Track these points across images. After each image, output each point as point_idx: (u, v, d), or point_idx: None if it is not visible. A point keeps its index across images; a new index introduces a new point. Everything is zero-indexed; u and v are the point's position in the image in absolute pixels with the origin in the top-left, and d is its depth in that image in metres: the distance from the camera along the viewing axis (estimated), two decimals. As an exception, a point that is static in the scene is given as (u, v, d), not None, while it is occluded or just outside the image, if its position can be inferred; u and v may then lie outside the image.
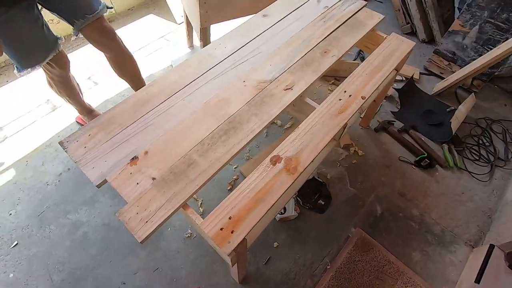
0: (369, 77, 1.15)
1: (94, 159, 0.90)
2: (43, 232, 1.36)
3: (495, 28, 1.74)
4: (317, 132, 0.98)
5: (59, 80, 1.38)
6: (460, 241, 1.36)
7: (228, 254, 0.76)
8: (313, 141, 0.96)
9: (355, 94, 1.09)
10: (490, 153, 1.66)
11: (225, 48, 1.23)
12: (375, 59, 1.22)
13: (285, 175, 0.88)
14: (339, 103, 1.07)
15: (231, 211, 0.81)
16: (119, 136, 0.95)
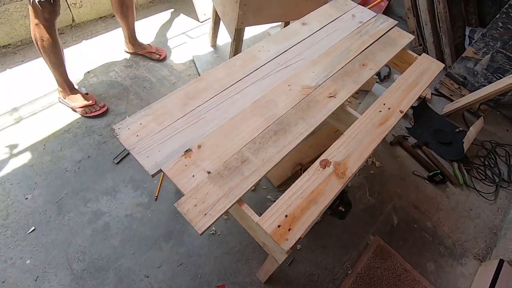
0: (405, 92, 1.22)
1: (148, 148, 0.90)
2: (62, 219, 1.32)
3: (506, 58, 1.87)
4: (361, 139, 1.02)
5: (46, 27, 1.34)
6: (470, 255, 1.44)
7: (286, 251, 0.78)
8: (359, 148, 1.00)
9: (393, 108, 1.15)
10: (495, 174, 1.77)
11: (268, 51, 1.27)
12: (410, 77, 1.28)
13: (335, 179, 0.92)
14: (380, 114, 1.12)
15: (286, 210, 0.84)
16: (171, 128, 0.96)
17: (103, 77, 1.88)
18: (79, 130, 1.62)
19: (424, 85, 1.26)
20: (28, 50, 1.94)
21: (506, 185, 1.74)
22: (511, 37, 1.81)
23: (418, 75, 1.30)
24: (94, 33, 2.14)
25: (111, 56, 2.00)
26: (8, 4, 1.74)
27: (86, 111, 1.64)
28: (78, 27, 2.16)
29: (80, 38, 2.10)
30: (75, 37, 2.10)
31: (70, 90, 1.64)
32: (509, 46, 1.83)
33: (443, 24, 2.20)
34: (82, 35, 2.12)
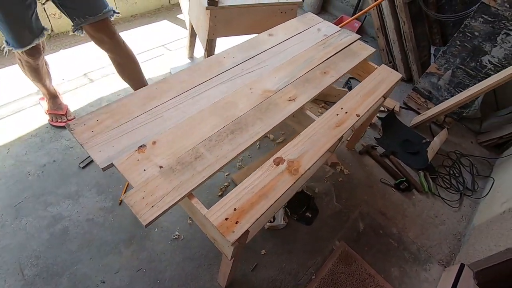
0: (362, 98, 1.27)
1: (101, 143, 0.91)
2: (18, 224, 1.28)
3: (465, 74, 1.99)
4: (317, 140, 1.06)
5: (26, 65, 1.39)
6: (434, 260, 1.45)
7: (231, 243, 0.77)
8: (314, 148, 1.03)
9: (350, 112, 1.20)
10: (459, 183, 1.83)
11: (234, 58, 1.32)
12: (368, 84, 1.35)
13: (288, 176, 0.93)
14: (337, 117, 1.16)
15: (236, 203, 0.84)
16: (128, 125, 0.97)
17: (77, 86, 1.89)
18: (47, 135, 1.60)
19: (381, 92, 1.33)
20: (1, 58, 1.95)
21: (470, 194, 1.79)
22: (468, 54, 1.93)
23: (377, 84, 1.37)
24: (72, 43, 2.17)
25: (88, 66, 2.03)
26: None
27: (53, 118, 1.63)
28: (56, 37, 2.19)
29: (58, 48, 2.12)
30: (53, 47, 2.12)
31: (51, 97, 1.63)
32: (467, 62, 1.95)
33: (409, 43, 2.34)
34: (60, 45, 2.15)
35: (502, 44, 1.80)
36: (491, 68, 1.88)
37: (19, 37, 1.21)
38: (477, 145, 2.13)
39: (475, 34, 1.87)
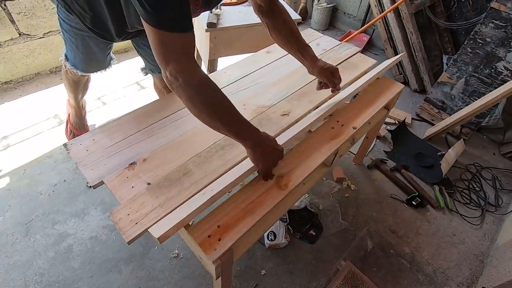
0: (360, 110, 1.24)
1: (94, 162, 0.94)
2: (28, 241, 1.33)
3: (480, 81, 1.89)
4: (309, 154, 1.03)
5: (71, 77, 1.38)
6: (453, 284, 1.33)
7: (213, 261, 0.76)
8: (305, 163, 1.00)
9: (347, 124, 1.17)
10: (480, 198, 1.69)
11: (230, 76, 1.34)
12: (367, 96, 1.32)
13: (276, 191, 0.91)
14: (332, 131, 1.14)
15: (220, 220, 0.83)
16: (122, 143, 1.00)
17: (91, 109, 2.00)
18: (60, 155, 1.69)
19: (381, 103, 1.29)
20: (27, 86, 2.12)
21: (493, 210, 1.64)
22: (481, 62, 1.85)
23: (376, 95, 1.33)
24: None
25: (101, 90, 2.15)
26: (11, 46, 1.95)
27: (70, 133, 1.69)
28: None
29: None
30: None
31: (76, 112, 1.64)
32: (481, 70, 1.86)
33: (418, 53, 2.28)
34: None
35: (517, 49, 1.70)
36: (507, 75, 1.78)
37: (89, 67, 1.27)
38: (500, 157, 1.98)
39: (487, 41, 1.79)
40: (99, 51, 1.20)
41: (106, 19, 1.01)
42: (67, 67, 1.27)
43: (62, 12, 1.06)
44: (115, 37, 1.09)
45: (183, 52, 0.71)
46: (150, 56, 1.24)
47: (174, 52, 0.70)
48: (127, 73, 2.26)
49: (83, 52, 1.18)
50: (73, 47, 1.17)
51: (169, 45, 0.70)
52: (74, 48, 1.17)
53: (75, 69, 1.26)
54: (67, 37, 1.14)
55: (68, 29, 1.10)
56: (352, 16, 3.04)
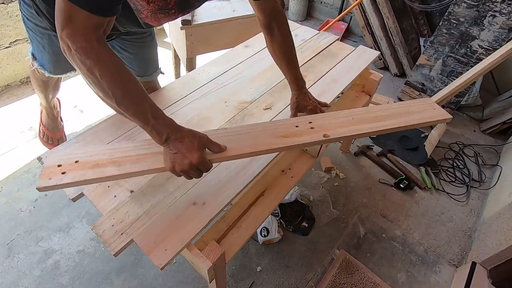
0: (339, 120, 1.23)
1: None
2: (11, 262, 1.27)
3: (457, 61, 1.92)
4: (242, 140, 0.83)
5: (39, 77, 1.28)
6: (444, 261, 1.36)
7: (204, 265, 0.74)
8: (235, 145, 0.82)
9: (318, 129, 0.99)
10: (464, 175, 1.73)
11: (209, 73, 1.31)
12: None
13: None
14: (294, 128, 1.11)
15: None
16: (100, 152, 0.96)
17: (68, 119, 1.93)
18: (38, 170, 1.62)
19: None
20: (-3, 99, 2.01)
21: (477, 185, 1.69)
22: (456, 42, 1.88)
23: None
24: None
25: (78, 98, 2.07)
26: (-25, 58, 1.84)
27: (44, 136, 1.61)
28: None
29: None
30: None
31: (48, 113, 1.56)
32: (457, 50, 1.89)
33: (396, 38, 2.30)
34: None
35: (490, 27, 1.74)
36: (482, 53, 1.82)
37: (57, 69, 1.17)
38: (480, 133, 2.04)
39: (460, 20, 1.82)
40: None
41: None
42: (34, 66, 1.17)
43: (25, 10, 0.97)
44: None
45: (86, 27, 0.60)
46: (126, 59, 1.19)
47: (77, 27, 0.59)
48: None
49: (50, 52, 1.10)
50: (39, 46, 1.09)
51: (72, 17, 0.58)
52: (40, 47, 1.09)
53: (43, 69, 1.17)
54: (33, 35, 1.05)
55: (33, 28, 1.02)
56: (329, 4, 3.03)
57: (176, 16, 0.84)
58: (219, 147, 0.74)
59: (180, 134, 0.70)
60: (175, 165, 0.69)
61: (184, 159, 0.68)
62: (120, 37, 1.08)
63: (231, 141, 0.79)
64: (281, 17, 0.97)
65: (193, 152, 0.68)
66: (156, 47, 1.24)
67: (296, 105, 1.02)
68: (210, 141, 0.74)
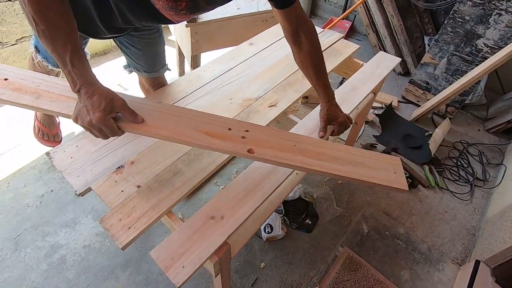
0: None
1: (80, 168, 0.91)
2: (18, 256, 1.29)
3: (462, 60, 1.92)
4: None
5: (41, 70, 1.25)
6: (447, 259, 1.36)
7: (210, 259, 0.75)
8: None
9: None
10: (469, 174, 1.73)
11: (214, 70, 1.31)
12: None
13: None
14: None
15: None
16: (107, 147, 0.97)
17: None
18: (44, 165, 1.63)
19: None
20: None
21: (481, 184, 1.69)
22: (461, 40, 1.87)
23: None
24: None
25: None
26: (-18, 55, 1.87)
27: (39, 132, 1.60)
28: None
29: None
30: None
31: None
32: (461, 48, 1.89)
33: (400, 36, 2.29)
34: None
35: (496, 25, 1.73)
36: (487, 51, 1.81)
37: None
38: (485, 133, 2.03)
39: (466, 19, 1.81)
40: None
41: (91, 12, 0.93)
42: (37, 59, 1.16)
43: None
44: (102, 32, 0.99)
45: None
46: (134, 55, 1.19)
47: None
48: (108, 75, 2.20)
49: None
50: None
51: None
52: None
53: (46, 62, 1.16)
54: None
55: None
56: (333, 3, 3.03)
57: (188, 16, 0.84)
58: (134, 117, 0.71)
59: (92, 89, 0.66)
60: (78, 118, 0.68)
61: (86, 115, 0.66)
62: (129, 33, 1.08)
63: (154, 117, 0.75)
64: (308, 24, 0.93)
65: (96, 111, 0.65)
66: (163, 44, 1.24)
67: (327, 117, 0.98)
68: (125, 107, 0.70)
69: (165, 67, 1.30)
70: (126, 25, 0.95)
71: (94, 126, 0.67)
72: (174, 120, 0.78)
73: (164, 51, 1.28)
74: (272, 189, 0.89)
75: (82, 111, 0.67)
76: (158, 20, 0.90)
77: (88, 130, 0.70)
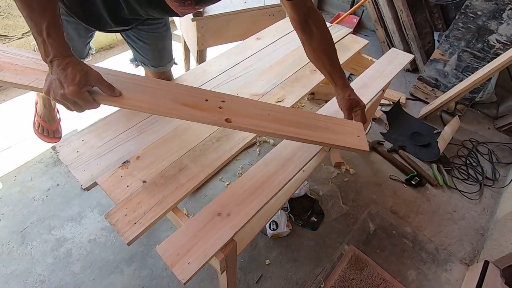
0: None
1: (85, 163, 0.90)
2: (24, 249, 1.30)
3: (473, 56, 1.87)
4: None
5: None
6: (455, 259, 1.34)
7: (216, 256, 0.74)
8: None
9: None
10: (478, 173, 1.70)
11: (220, 65, 1.30)
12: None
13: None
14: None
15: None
16: (112, 142, 0.96)
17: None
18: (50, 159, 1.64)
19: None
20: (10, 89, 2.03)
21: (490, 184, 1.66)
22: (473, 36, 1.82)
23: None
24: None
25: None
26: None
27: (39, 128, 1.59)
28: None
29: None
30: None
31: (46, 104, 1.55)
32: (473, 44, 1.84)
33: (409, 32, 2.24)
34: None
35: (509, 21, 1.68)
36: (500, 48, 1.76)
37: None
38: (495, 131, 1.99)
39: (478, 14, 1.76)
40: (79, 38, 1.09)
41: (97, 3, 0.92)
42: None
43: None
44: (109, 24, 0.98)
45: None
46: (142, 49, 1.18)
47: None
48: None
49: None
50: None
51: None
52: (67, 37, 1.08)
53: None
54: None
55: None
56: (340, -3, 2.98)
57: (194, 8, 0.82)
58: (111, 91, 0.69)
59: (66, 62, 0.63)
60: (50, 90, 0.65)
61: (60, 88, 0.63)
62: (136, 27, 1.07)
63: (131, 90, 0.73)
64: (317, 14, 0.93)
65: (70, 85, 0.62)
66: (170, 38, 1.23)
67: (349, 104, 0.96)
68: (101, 80, 0.68)
69: (172, 61, 1.29)
70: (133, 16, 0.94)
71: (68, 99, 0.64)
72: (151, 92, 0.76)
73: (171, 45, 1.26)
74: (279, 186, 0.88)
75: (55, 84, 0.64)
76: (164, 11, 0.88)
77: (61, 104, 0.67)
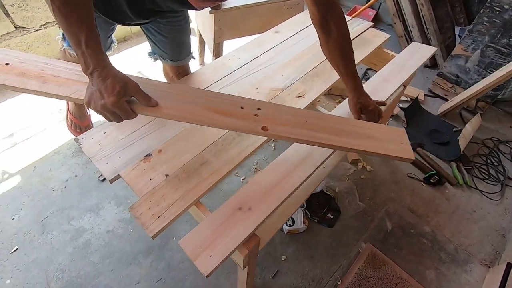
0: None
1: (108, 155, 0.90)
2: (45, 238, 1.32)
3: (497, 52, 1.81)
4: None
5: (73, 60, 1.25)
6: (475, 260, 1.31)
7: (240, 251, 0.73)
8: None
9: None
10: (499, 173, 1.65)
11: (239, 59, 1.28)
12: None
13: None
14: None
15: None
16: (134, 135, 0.96)
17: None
18: (68, 151, 1.66)
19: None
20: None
21: (512, 184, 1.61)
22: (498, 31, 1.76)
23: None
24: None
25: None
26: (8, 40, 1.89)
27: (72, 124, 1.63)
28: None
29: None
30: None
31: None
32: (498, 39, 1.78)
33: (429, 26, 2.18)
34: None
35: (538, 15, 1.61)
36: (526, 43, 1.70)
37: None
38: (517, 130, 1.93)
39: (504, 8, 1.70)
40: (100, 31, 1.09)
41: None
42: (64, 47, 1.16)
43: None
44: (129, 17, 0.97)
45: None
46: (160, 42, 1.17)
47: None
48: (128, 62, 2.20)
49: None
50: None
51: None
52: None
53: (72, 50, 1.14)
54: None
55: None
56: (357, -10, 2.91)
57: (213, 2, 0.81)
58: (148, 101, 0.71)
59: (105, 73, 0.65)
60: (91, 101, 0.66)
61: (100, 99, 0.64)
62: (156, 20, 1.06)
63: (167, 99, 0.74)
64: (338, 10, 0.90)
65: (111, 96, 0.63)
66: (189, 32, 1.22)
67: (359, 106, 0.96)
68: (139, 91, 0.69)
69: (190, 55, 1.28)
70: (153, 6, 0.93)
71: (108, 110, 0.66)
72: (187, 101, 0.76)
73: (189, 39, 1.25)
74: (299, 182, 0.88)
75: (95, 95, 0.65)
76: (182, 4, 0.87)
77: (101, 114, 0.68)
